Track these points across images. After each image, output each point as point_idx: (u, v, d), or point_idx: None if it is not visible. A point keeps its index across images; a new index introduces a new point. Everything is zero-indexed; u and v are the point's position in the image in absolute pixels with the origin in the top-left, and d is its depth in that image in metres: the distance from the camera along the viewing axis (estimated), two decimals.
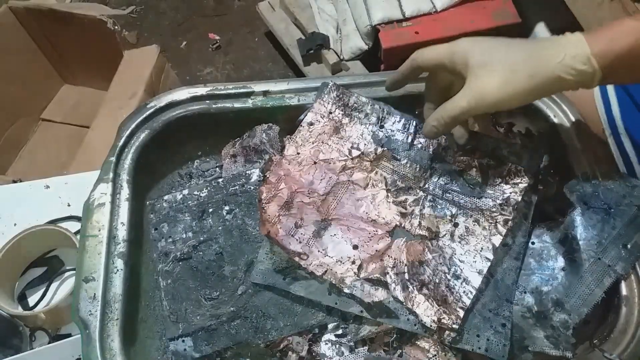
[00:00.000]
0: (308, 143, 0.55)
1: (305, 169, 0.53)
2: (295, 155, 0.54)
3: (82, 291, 0.47)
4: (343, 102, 0.56)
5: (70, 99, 1.35)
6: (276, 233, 0.48)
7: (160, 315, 0.50)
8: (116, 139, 0.55)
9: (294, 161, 0.53)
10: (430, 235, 0.50)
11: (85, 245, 0.49)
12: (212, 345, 0.47)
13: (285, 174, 0.52)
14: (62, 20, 1.16)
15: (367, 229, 0.50)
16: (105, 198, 0.51)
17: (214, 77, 1.69)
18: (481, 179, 0.52)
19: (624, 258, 0.46)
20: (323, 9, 1.44)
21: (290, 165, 0.53)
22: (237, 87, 0.58)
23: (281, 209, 0.50)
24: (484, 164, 0.52)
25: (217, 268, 0.51)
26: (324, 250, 0.48)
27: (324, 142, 0.55)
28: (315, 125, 0.55)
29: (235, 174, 0.56)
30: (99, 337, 0.45)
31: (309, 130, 0.55)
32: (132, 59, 1.09)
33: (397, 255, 0.48)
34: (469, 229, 0.50)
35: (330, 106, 0.56)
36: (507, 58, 0.43)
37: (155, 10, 1.87)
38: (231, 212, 0.53)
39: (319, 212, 0.51)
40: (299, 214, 0.50)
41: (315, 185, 0.52)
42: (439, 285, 0.47)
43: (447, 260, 0.48)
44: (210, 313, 0.49)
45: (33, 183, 0.73)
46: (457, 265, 0.48)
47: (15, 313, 0.60)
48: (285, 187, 0.51)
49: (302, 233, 0.49)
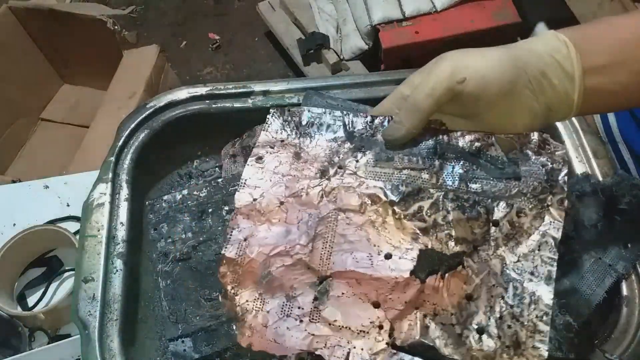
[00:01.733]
0: (264, 182, 0.42)
1: (271, 216, 0.40)
2: (251, 203, 0.41)
3: (81, 291, 0.47)
4: (294, 123, 0.45)
5: (69, 99, 1.35)
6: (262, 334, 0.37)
7: (160, 315, 0.50)
8: (115, 138, 0.55)
9: (252, 212, 0.40)
10: (469, 249, 0.37)
11: (84, 245, 0.49)
12: (212, 346, 0.47)
13: (246, 237, 0.39)
14: (62, 20, 1.16)
15: (382, 275, 0.37)
16: (105, 198, 0.51)
17: (214, 77, 1.69)
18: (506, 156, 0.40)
19: (624, 257, 0.46)
20: (323, 9, 1.44)
21: (249, 221, 0.40)
22: (237, 87, 0.58)
23: (259, 287, 0.37)
24: (503, 137, 0.40)
25: (216, 268, 0.51)
26: (336, 321, 0.36)
27: (285, 175, 0.42)
28: (266, 157, 0.43)
29: (234, 174, 0.56)
30: (98, 338, 0.44)
31: (259, 166, 0.43)
32: (131, 59, 1.09)
33: (436, 299, 0.36)
34: (515, 224, 0.37)
35: (279, 133, 0.45)
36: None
37: (155, 10, 1.87)
38: (231, 212, 0.53)
39: (310, 269, 0.38)
40: (287, 283, 0.38)
41: (293, 234, 0.39)
42: (503, 322, 0.35)
43: (500, 278, 0.36)
44: (210, 314, 0.48)
45: (32, 183, 0.73)
46: (514, 279, 0.36)
47: (15, 313, 0.60)
48: (253, 256, 0.38)
49: (299, 307, 0.37)
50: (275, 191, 0.41)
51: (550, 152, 0.40)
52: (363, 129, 0.43)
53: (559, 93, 0.38)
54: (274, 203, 0.40)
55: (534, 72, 0.38)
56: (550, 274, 0.36)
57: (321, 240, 0.38)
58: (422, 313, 0.36)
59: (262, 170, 0.42)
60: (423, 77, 0.39)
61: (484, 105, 0.39)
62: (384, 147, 0.42)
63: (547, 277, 0.36)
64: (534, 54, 0.38)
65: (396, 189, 0.40)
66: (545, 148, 0.40)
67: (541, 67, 0.38)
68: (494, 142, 0.40)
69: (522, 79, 0.38)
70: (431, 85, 0.38)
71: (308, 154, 0.43)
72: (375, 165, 0.41)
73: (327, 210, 0.39)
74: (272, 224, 0.39)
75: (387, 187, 0.40)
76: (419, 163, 0.40)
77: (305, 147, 0.44)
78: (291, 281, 0.38)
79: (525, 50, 0.38)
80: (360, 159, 0.42)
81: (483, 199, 0.38)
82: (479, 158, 0.40)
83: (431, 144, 0.41)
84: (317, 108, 0.45)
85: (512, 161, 0.40)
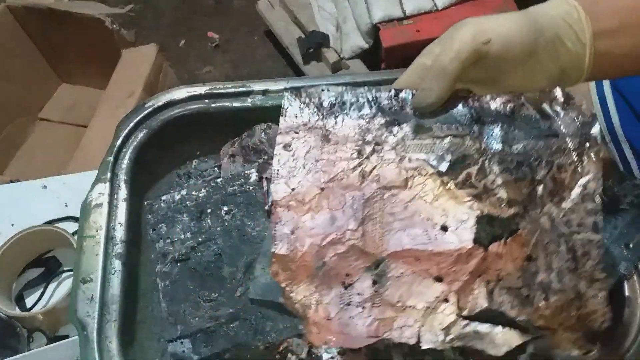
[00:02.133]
0: (298, 170, 0.40)
1: (313, 204, 0.38)
2: (290, 194, 0.39)
3: (79, 292, 0.46)
4: (314, 105, 0.43)
5: (68, 98, 1.34)
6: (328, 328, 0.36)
7: (159, 316, 0.50)
8: (114, 138, 0.54)
9: (292, 203, 0.39)
10: (521, 210, 0.37)
11: (82, 245, 0.49)
12: (211, 347, 0.47)
13: (292, 230, 0.38)
14: (60, 19, 1.15)
15: (443, 249, 0.36)
16: (103, 198, 0.51)
17: (213, 76, 1.68)
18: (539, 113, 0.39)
19: (626, 258, 0.46)
20: (323, 7, 1.43)
21: (291, 213, 0.38)
22: (236, 86, 0.57)
23: (313, 280, 0.36)
24: (531, 95, 0.40)
25: (215, 269, 0.50)
26: (399, 302, 0.35)
27: (319, 159, 0.40)
28: (294, 144, 0.41)
29: (234, 174, 0.56)
30: (96, 339, 0.44)
31: (289, 154, 0.41)
32: (130, 58, 1.09)
33: (500, 265, 0.36)
34: (557, 180, 0.37)
35: (300, 117, 0.42)
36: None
37: (154, 9, 1.87)
38: (230, 212, 0.53)
39: (365, 254, 0.37)
40: (342, 272, 0.37)
41: (340, 220, 0.38)
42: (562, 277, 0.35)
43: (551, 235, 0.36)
44: (209, 315, 0.48)
45: (30, 183, 0.73)
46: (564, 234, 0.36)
47: (13, 314, 0.60)
48: (306, 249, 0.37)
49: (358, 293, 0.36)
50: (312, 178, 0.39)
51: (577, 107, 0.39)
52: (389, 103, 0.41)
53: (572, 56, 0.39)
54: (314, 190, 0.39)
55: (550, 34, 0.38)
56: (595, 224, 0.36)
57: (370, 222, 0.38)
58: (485, 280, 0.35)
59: (293, 158, 0.40)
60: (445, 43, 0.39)
61: (508, 67, 0.39)
62: (418, 119, 0.40)
63: (593, 227, 0.36)
64: (548, 17, 0.39)
65: (441, 159, 0.39)
66: (570, 103, 0.40)
67: (556, 30, 0.38)
68: (524, 102, 0.40)
69: (541, 41, 0.38)
70: (456, 48, 0.38)
71: (337, 135, 0.41)
72: (415, 137, 0.40)
73: (371, 191, 0.38)
74: (315, 213, 0.38)
75: (432, 158, 0.39)
76: (459, 130, 0.39)
77: (332, 129, 0.42)
78: (345, 269, 0.37)
79: (540, 14, 0.39)
80: (397, 133, 0.40)
81: (526, 159, 0.38)
82: (514, 119, 0.39)
83: (464, 110, 0.40)
84: (336, 87, 0.43)
85: (545, 118, 0.39)
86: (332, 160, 0.40)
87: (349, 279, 0.36)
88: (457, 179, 0.38)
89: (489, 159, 0.38)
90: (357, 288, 0.36)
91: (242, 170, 0.56)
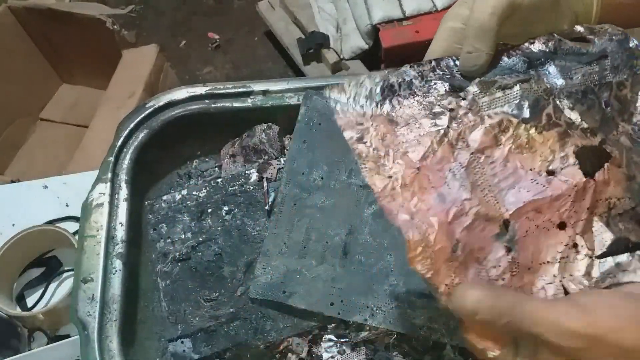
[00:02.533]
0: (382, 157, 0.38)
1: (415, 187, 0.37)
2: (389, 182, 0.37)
3: (80, 292, 0.46)
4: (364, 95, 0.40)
5: (68, 99, 1.35)
6: None
7: (159, 316, 0.50)
8: (115, 138, 0.54)
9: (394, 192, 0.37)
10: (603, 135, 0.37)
11: (83, 245, 0.49)
12: (212, 346, 0.47)
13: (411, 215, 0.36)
14: (61, 19, 1.15)
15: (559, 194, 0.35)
16: (104, 198, 0.51)
17: (214, 77, 1.68)
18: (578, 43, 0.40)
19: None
20: (323, 8, 1.44)
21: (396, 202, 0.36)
22: (237, 87, 0.57)
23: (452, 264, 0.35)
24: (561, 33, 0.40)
25: (216, 269, 0.50)
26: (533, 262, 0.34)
27: (398, 143, 0.38)
28: (366, 136, 0.39)
29: (234, 174, 0.56)
30: (97, 338, 0.44)
31: (366, 146, 0.39)
32: (131, 59, 1.09)
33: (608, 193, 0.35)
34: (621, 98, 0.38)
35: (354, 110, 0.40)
36: None
37: (155, 10, 1.87)
38: (230, 212, 0.53)
39: (489, 220, 0.35)
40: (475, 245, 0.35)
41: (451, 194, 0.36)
42: None
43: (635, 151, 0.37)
44: (210, 314, 0.48)
45: (31, 183, 0.73)
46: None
47: (14, 314, 0.60)
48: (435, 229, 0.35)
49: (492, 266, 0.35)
50: (403, 161, 0.38)
51: (604, 30, 0.39)
52: (436, 74, 0.40)
53: (585, 3, 0.41)
54: (410, 172, 0.37)
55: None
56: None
57: (479, 189, 0.36)
58: (598, 215, 0.35)
59: (372, 148, 0.39)
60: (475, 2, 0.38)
61: (536, 17, 0.39)
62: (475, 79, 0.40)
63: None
64: None
65: (520, 107, 0.38)
66: (595, 30, 0.40)
67: None
68: (560, 38, 0.40)
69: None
70: (492, 4, 0.37)
71: (402, 117, 0.39)
72: (484, 94, 0.39)
73: (465, 158, 0.37)
74: (422, 195, 0.36)
75: (511, 109, 0.38)
76: (521, 76, 0.39)
77: (394, 113, 0.40)
78: (475, 242, 0.35)
79: None
80: (466, 97, 0.39)
81: (588, 86, 0.38)
82: (560, 54, 0.39)
83: (512, 61, 0.40)
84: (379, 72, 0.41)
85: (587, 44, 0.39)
86: (412, 140, 0.38)
87: (482, 252, 0.35)
88: (542, 122, 0.37)
89: (557, 96, 0.38)
90: (492, 260, 0.35)
91: (243, 170, 0.56)
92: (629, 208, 0.35)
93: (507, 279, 0.34)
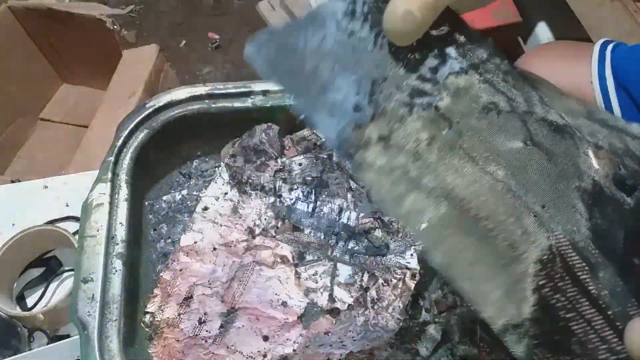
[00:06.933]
0: (205, 229, 0.52)
1: (205, 257, 0.50)
2: (192, 244, 0.51)
3: (80, 292, 0.46)
4: (237, 180, 0.54)
5: (69, 99, 1.34)
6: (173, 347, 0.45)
7: None
8: (115, 138, 0.54)
9: (192, 251, 0.51)
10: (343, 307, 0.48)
11: (83, 245, 0.49)
12: None
13: (182, 268, 0.49)
14: (61, 19, 1.15)
15: (277, 317, 0.48)
16: (104, 198, 0.51)
17: (214, 77, 1.68)
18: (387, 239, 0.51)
19: None
20: None
21: (188, 257, 0.50)
22: (237, 87, 0.57)
23: (180, 307, 0.47)
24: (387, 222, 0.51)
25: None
26: (233, 346, 0.46)
27: (222, 225, 0.52)
28: (211, 208, 0.53)
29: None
30: (97, 338, 0.44)
31: (202, 216, 0.52)
32: (131, 59, 1.09)
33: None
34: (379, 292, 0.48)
35: (224, 187, 0.54)
36: None
37: (155, 10, 1.87)
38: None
39: (223, 302, 0.48)
40: (202, 309, 0.47)
41: (218, 273, 0.49)
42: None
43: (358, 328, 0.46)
44: None
45: (31, 183, 0.73)
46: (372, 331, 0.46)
47: (14, 314, 0.60)
48: (182, 282, 0.48)
49: (207, 330, 0.46)
50: (211, 238, 0.51)
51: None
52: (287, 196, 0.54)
53: None
54: (209, 247, 0.51)
55: None
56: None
57: (237, 281, 0.49)
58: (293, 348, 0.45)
59: (206, 220, 0.52)
60: None
61: None
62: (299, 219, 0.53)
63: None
64: None
65: (301, 256, 0.51)
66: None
67: None
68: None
69: None
70: None
71: (244, 209, 0.53)
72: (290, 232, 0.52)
73: (248, 262, 0.50)
74: (204, 263, 0.50)
75: (295, 253, 0.51)
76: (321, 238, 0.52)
77: (242, 204, 0.54)
78: (206, 308, 0.47)
79: None
80: (279, 226, 0.52)
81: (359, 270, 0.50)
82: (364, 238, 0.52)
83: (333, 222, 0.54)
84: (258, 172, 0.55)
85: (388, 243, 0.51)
86: (231, 229, 0.52)
87: (205, 317, 0.47)
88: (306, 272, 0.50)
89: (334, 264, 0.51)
90: (209, 326, 0.46)
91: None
92: None
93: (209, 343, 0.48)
